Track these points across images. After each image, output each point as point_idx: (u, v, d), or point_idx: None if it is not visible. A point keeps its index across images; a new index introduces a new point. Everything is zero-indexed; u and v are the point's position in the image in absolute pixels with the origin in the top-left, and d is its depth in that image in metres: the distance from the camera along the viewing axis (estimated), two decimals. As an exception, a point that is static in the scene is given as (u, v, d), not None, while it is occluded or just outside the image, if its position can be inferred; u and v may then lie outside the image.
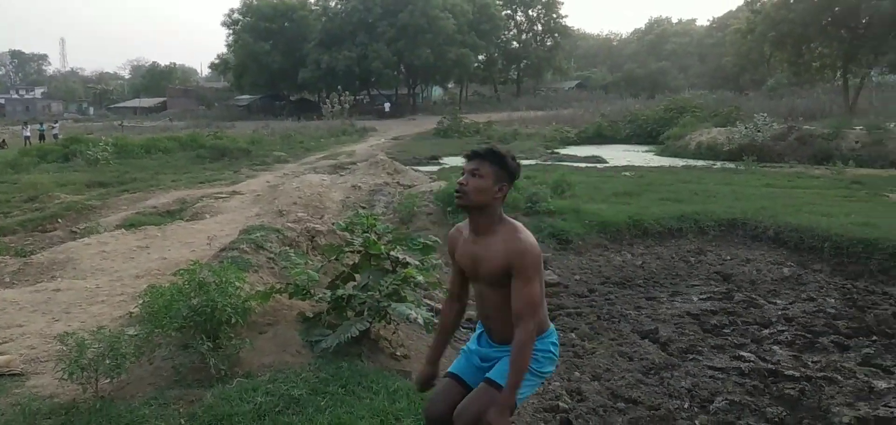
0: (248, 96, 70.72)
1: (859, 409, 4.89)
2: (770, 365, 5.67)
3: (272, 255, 5.40)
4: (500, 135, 32.57)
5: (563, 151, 26.87)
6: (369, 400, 3.73)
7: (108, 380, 3.77)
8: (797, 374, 5.50)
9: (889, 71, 32.03)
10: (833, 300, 7.57)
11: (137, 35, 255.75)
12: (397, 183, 15.05)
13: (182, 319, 3.94)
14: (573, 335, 6.43)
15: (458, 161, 22.07)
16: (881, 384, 5.34)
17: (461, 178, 2.75)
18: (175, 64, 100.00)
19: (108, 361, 3.63)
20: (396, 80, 63.75)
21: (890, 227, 9.23)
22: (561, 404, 4.79)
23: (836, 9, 28.63)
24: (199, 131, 31.08)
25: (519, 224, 2.80)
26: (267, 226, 5.96)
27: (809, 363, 5.79)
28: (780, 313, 7.08)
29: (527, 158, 23.36)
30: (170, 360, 4.07)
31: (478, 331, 3.15)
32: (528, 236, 2.73)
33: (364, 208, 11.68)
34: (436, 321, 4.47)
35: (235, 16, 65.42)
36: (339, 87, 53.50)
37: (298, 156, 24.15)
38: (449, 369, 3.12)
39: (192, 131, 31.25)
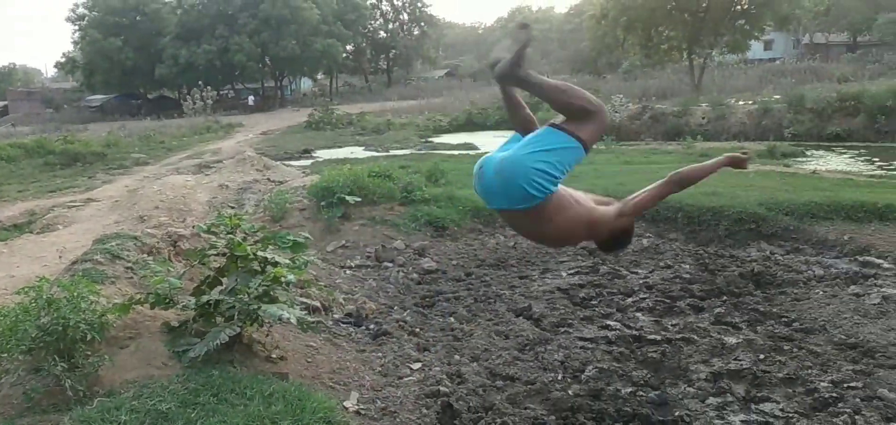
0: (100, 96, 65.67)
1: (714, 365, 5.33)
2: (634, 332, 6.05)
3: (130, 265, 5.05)
4: (373, 126, 32.41)
5: (436, 140, 27.19)
6: (244, 407, 3.59)
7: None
8: (658, 338, 5.90)
9: (729, 51, 34.96)
10: (687, 266, 8.18)
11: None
12: (268, 179, 14.59)
13: (30, 341, 3.60)
14: (452, 319, 6.53)
15: (333, 154, 21.81)
16: (731, 340, 5.84)
17: None
18: (15, 64, 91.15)
19: (-60, 397, 3.26)
20: (262, 73, 61.68)
21: (732, 196, 10.07)
22: (441, 388, 4.85)
23: (680, -6, 30.98)
24: (48, 136, 28.51)
25: None
26: (123, 234, 5.57)
27: (669, 326, 6.22)
28: (641, 282, 7.56)
29: (402, 148, 23.46)
30: (20, 387, 3.71)
31: None
32: None
33: (232, 208, 11.24)
34: (310, 320, 4.39)
35: (81, 11, 60.52)
36: (200, 82, 50.99)
37: (159, 157, 22.81)
38: None
39: (39, 136, 28.61)
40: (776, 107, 22.53)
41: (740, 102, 25.20)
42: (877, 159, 16.07)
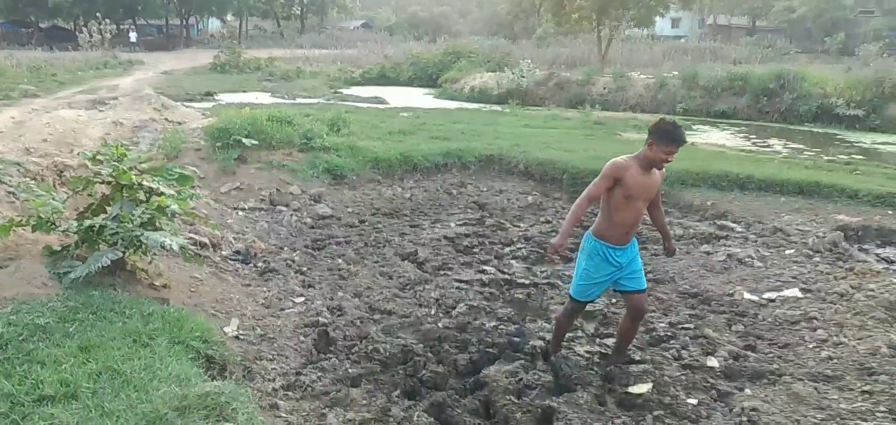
0: (-15, 21, 60.64)
1: (571, 306, 5.92)
2: (506, 276, 6.59)
3: (12, 189, 5.06)
4: (282, 73, 31.78)
5: (346, 91, 27.05)
6: (122, 324, 3.80)
7: None
8: (527, 282, 6.47)
9: (635, 25, 36.32)
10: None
11: None
12: (166, 119, 14.22)
13: None
14: (340, 261, 6.85)
15: (237, 98, 21.37)
16: (590, 285, 6.47)
17: (670, 157, 4.11)
18: None
19: None
20: (166, 9, 58.70)
21: (614, 160, 10.82)
22: (321, 319, 5.19)
23: (592, -35, 31.83)
24: (-79, 60, 26.34)
25: None
26: (5, 160, 5.52)
27: (538, 273, 6.81)
28: (520, 234, 8.13)
29: (310, 97, 23.24)
30: None
31: (602, 253, 4.42)
32: None
33: (125, 145, 11.01)
34: (193, 249, 4.61)
35: (-37, -76, 55.39)
36: (98, 14, 47.91)
37: (51, 91, 21.57)
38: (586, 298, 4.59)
39: (-88, 60, 26.39)
40: (672, 83, 23.80)
41: (641, 76, 26.41)
42: (753, 136, 17.45)
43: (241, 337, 4.62)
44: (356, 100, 23.14)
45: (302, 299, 5.68)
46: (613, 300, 6.06)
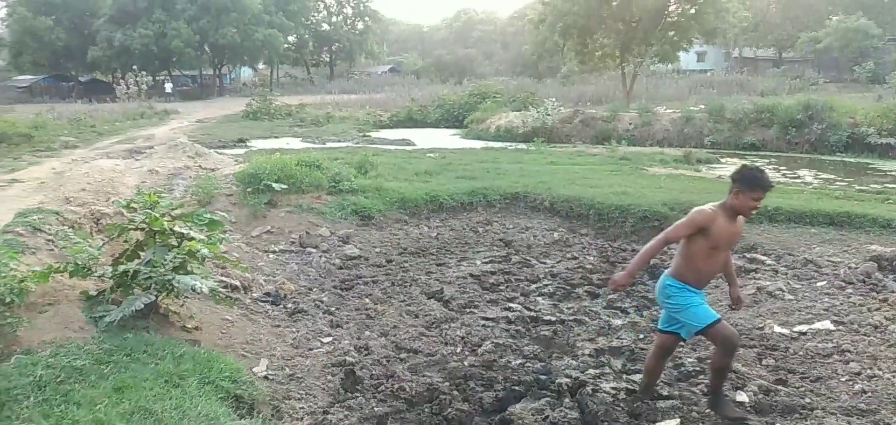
0: (29, 77, 62.96)
1: (598, 343, 5.92)
2: (532, 313, 6.60)
3: (51, 237, 5.26)
4: (312, 118, 32.37)
5: (375, 134, 27.43)
6: (155, 365, 3.91)
7: None
8: (553, 319, 6.47)
9: (658, 61, 36.39)
10: (592, 258, 8.83)
11: None
12: (199, 166, 14.60)
13: (-52, 302, 3.83)
14: (367, 300, 6.93)
15: (268, 144, 21.83)
16: (617, 321, 6.47)
17: (758, 204, 4.12)
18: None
19: None
20: (200, 60, 60.42)
21: (640, 195, 10.82)
22: (348, 358, 5.26)
23: (614, 3, 32.03)
24: (-31, 116, 27.45)
25: None
26: (45, 209, 5.75)
27: (564, 309, 6.81)
28: (547, 270, 8.15)
29: (340, 141, 23.64)
30: (-63, 346, 3.94)
31: (685, 288, 4.30)
32: None
33: (159, 192, 11.31)
34: (223, 292, 4.74)
35: (8, -14, 58.08)
36: (134, 66, 49.54)
37: (90, 142, 22.31)
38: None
39: (-40, 116, 27.52)
40: (698, 117, 23.70)
41: (667, 110, 26.36)
42: (783, 168, 17.24)
43: (270, 376, 4.70)
44: (384, 142, 23.45)
45: (329, 339, 5.76)
46: (641, 335, 6.04)
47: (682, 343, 5.62)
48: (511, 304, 6.86)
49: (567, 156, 17.92)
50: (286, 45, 66.25)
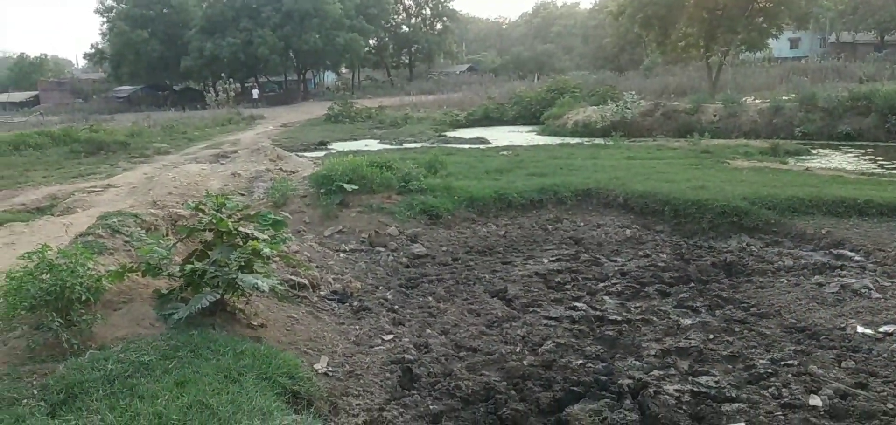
0: (128, 87, 67.14)
1: (665, 343, 5.72)
2: (598, 313, 6.45)
3: (128, 239, 5.58)
4: (391, 120, 32.91)
5: (450, 134, 27.58)
6: (216, 361, 4.08)
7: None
8: (619, 318, 6.30)
9: (746, 49, 34.84)
10: (665, 255, 8.54)
11: (2, 26, 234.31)
12: (280, 169, 15.13)
13: (32, 299, 4.12)
14: (430, 298, 6.98)
15: (348, 146, 22.35)
16: (687, 321, 6.24)
17: None
18: (46, 55, 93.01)
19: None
20: (285, 66, 62.56)
21: (719, 189, 10.38)
22: (407, 356, 5.31)
23: (698, -8, 30.97)
24: (75, 125, 29.50)
25: None
26: (125, 212, 6.10)
27: (632, 309, 6.62)
28: (617, 269, 7.94)
29: (415, 141, 23.91)
30: (24, 339, 4.24)
31: None
32: None
33: (242, 195, 11.79)
34: (285, 289, 4.87)
35: (109, 2, 62.00)
36: (223, 74, 51.87)
37: (180, 147, 23.52)
38: None
39: (67, 126, 29.61)
40: (788, 106, 22.50)
41: (755, 101, 25.17)
42: (881, 158, 16.14)
43: (330, 373, 4.81)
44: (459, 142, 23.52)
45: (391, 336, 5.83)
46: (711, 336, 5.79)
47: (752, 347, 5.38)
48: (576, 303, 6.73)
49: (646, 150, 17.42)
50: (367, 49, 67.56)
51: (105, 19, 62.31)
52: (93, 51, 67.27)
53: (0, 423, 3.37)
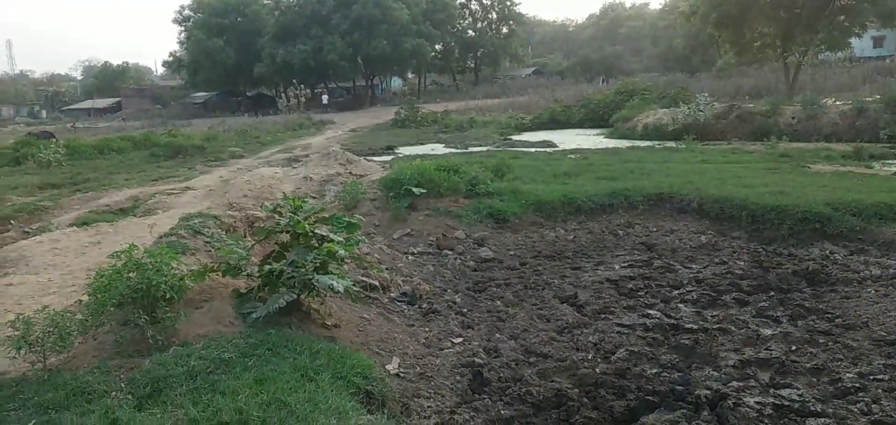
0: (204, 93, 69.94)
1: (744, 353, 5.52)
2: (672, 321, 6.28)
3: (209, 239, 5.79)
4: (456, 124, 33.04)
5: (516, 138, 27.43)
6: (292, 360, 4.18)
7: (55, 356, 4.15)
8: (695, 327, 6.12)
9: (826, 49, 33.34)
10: (742, 262, 8.24)
11: (88, 35, 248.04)
12: (350, 173, 15.41)
13: (119, 296, 4.32)
14: (499, 302, 6.95)
15: (414, 150, 22.57)
16: (767, 331, 6.00)
17: None
18: (128, 63, 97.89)
19: (53, 338, 4.01)
20: (354, 72, 63.73)
21: (800, 195, 9.95)
22: (477, 360, 5.31)
23: (775, -10, 29.78)
24: (154, 130, 30.94)
25: None
26: (205, 214, 6.33)
27: (708, 317, 6.41)
28: (691, 276, 7.71)
29: (481, 145, 23.92)
30: (112, 335, 4.46)
31: None
32: None
33: (313, 198, 12.05)
34: (358, 291, 4.94)
35: (187, 12, 64.72)
36: (294, 80, 53.25)
37: (254, 151, 24.30)
38: None
39: (147, 131, 31.08)
40: (873, 108, 21.34)
41: (836, 102, 24.03)
42: (978, 162, 15.15)
43: (402, 374, 4.85)
44: (525, 145, 23.39)
45: (460, 339, 5.84)
46: (793, 347, 5.55)
47: (838, 360, 5.12)
48: (650, 311, 6.57)
49: (720, 153, 16.88)
50: (433, 54, 68.05)
51: (183, 28, 65.04)
52: (171, 59, 70.43)
53: (92, 414, 3.54)
